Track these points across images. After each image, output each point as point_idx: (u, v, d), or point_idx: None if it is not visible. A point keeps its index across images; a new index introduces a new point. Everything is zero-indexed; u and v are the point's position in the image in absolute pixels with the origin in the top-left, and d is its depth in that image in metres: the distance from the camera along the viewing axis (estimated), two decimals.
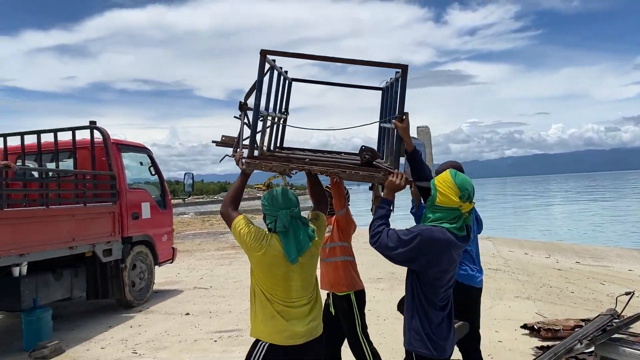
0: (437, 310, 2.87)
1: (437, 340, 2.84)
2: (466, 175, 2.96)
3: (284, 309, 2.85)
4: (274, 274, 2.85)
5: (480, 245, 4.62)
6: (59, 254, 6.32)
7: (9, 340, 6.51)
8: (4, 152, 7.44)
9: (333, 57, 3.24)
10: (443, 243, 2.78)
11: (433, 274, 2.85)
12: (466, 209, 2.84)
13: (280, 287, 2.86)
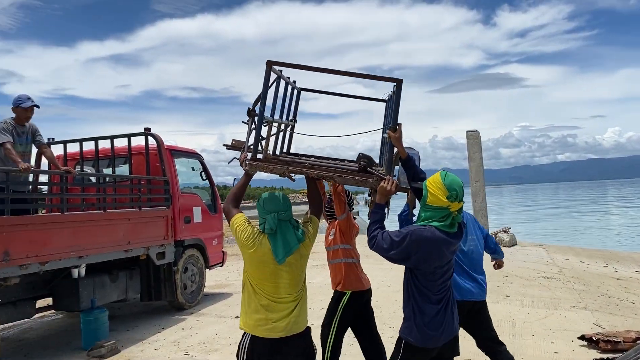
0: (431, 303, 3.08)
1: (427, 331, 3.06)
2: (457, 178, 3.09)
3: (270, 304, 3.04)
4: (263, 270, 3.06)
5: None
6: (115, 256, 6.53)
7: (68, 339, 6.76)
8: (64, 158, 7.74)
9: (334, 70, 3.45)
10: (431, 241, 3.00)
11: (426, 270, 3.07)
12: (454, 208, 3.03)
13: (269, 283, 3.06)
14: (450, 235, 3.05)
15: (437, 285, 3.10)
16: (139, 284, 7.41)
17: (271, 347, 3.02)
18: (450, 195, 3.00)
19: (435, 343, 3.10)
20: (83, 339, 6.19)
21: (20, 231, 5.08)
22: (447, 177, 3.07)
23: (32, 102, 5.88)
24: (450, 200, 3.01)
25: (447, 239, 3.04)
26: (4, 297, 5.62)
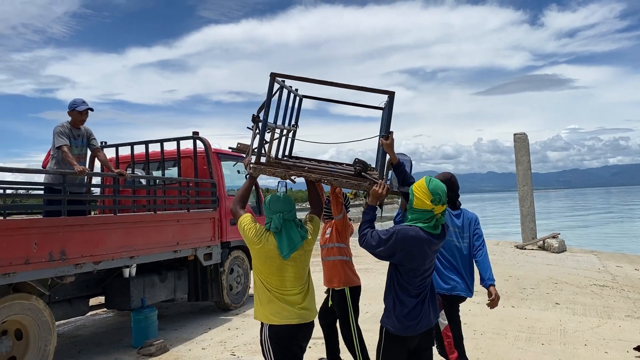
0: (410, 297, 3.36)
1: (405, 321, 3.33)
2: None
3: (280, 296, 3.31)
4: (270, 265, 3.31)
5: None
6: (165, 257, 6.68)
7: (119, 337, 6.97)
8: (116, 161, 7.99)
9: (332, 82, 3.71)
10: (415, 240, 3.27)
11: (409, 266, 3.34)
12: (438, 211, 3.29)
13: (275, 277, 3.32)
14: (433, 235, 3.32)
15: (418, 281, 3.37)
16: (187, 284, 7.56)
17: (288, 333, 3.30)
18: (434, 199, 3.27)
19: (412, 332, 3.36)
20: (133, 337, 6.36)
21: (76, 231, 5.26)
22: (432, 182, 3.34)
23: (87, 106, 6.08)
24: (434, 203, 3.27)
25: (430, 239, 3.31)
26: (60, 294, 5.84)
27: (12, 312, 4.81)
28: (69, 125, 6.03)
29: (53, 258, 4.99)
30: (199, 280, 7.73)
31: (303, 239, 3.39)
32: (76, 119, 6.08)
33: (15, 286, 4.90)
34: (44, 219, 5.40)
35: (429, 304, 3.43)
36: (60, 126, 5.97)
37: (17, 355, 4.95)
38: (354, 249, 5.36)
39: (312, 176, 3.74)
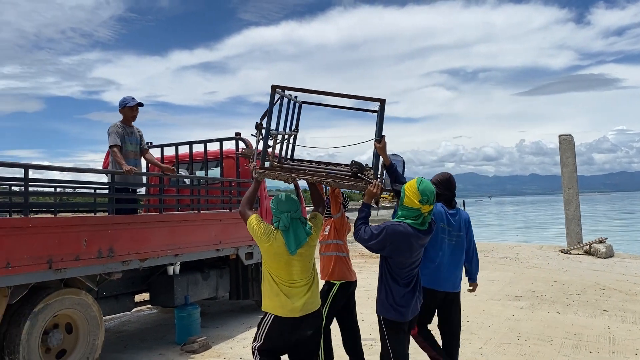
0: (400, 286, 3.75)
1: (398, 307, 3.74)
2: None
3: (287, 289, 3.59)
4: (278, 260, 3.60)
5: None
6: (208, 255, 6.79)
7: (162, 333, 7.12)
8: (161, 161, 8.17)
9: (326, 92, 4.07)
10: (403, 235, 3.64)
11: (397, 259, 3.72)
12: (425, 210, 3.66)
13: (283, 271, 3.61)
14: (420, 231, 3.69)
15: (406, 272, 3.76)
16: (229, 283, 7.66)
17: (291, 325, 3.57)
18: (422, 199, 3.63)
19: (405, 317, 3.77)
20: (177, 334, 6.49)
21: (123, 229, 5.41)
22: (422, 183, 3.70)
23: (137, 101, 6.25)
24: (422, 203, 3.64)
25: (417, 234, 3.68)
26: (107, 290, 6.01)
27: (63, 307, 4.98)
28: (122, 124, 6.20)
29: (102, 255, 5.14)
30: (240, 279, 7.83)
31: (308, 235, 3.70)
32: (128, 115, 6.25)
33: (66, 281, 5.08)
34: (93, 216, 5.56)
35: (418, 292, 3.85)
36: (113, 126, 6.14)
37: (68, 348, 5.12)
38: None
39: (312, 179, 4.04)
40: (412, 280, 3.80)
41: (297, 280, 3.63)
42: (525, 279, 10.83)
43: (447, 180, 4.74)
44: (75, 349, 5.15)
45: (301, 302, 3.60)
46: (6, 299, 4.45)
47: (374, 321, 7.33)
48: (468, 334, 6.62)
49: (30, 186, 4.81)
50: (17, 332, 4.57)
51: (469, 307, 8.19)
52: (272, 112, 3.96)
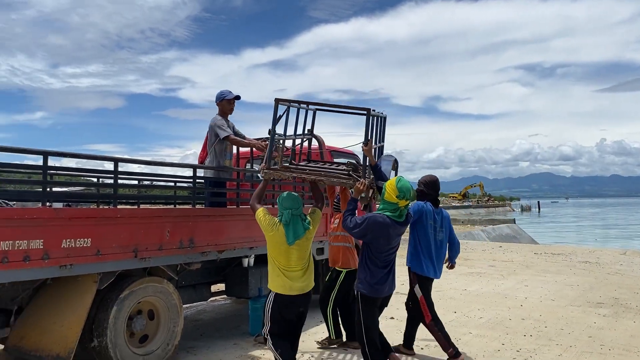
0: (378, 268, 4.51)
1: (375, 286, 4.51)
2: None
3: (285, 272, 4.42)
4: (279, 248, 4.44)
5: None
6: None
7: (236, 323, 7.32)
8: (236, 157, 8.38)
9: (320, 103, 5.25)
10: (382, 225, 4.37)
11: (376, 245, 4.46)
12: (402, 204, 4.36)
13: (282, 257, 4.43)
14: (397, 222, 4.40)
15: (383, 256, 4.49)
16: None
17: (289, 301, 4.44)
18: (399, 195, 4.32)
19: (380, 294, 4.58)
20: (250, 325, 6.65)
21: (203, 221, 5.60)
22: (400, 182, 4.37)
23: (234, 94, 6.31)
24: (399, 198, 4.33)
25: (395, 224, 4.39)
26: (186, 280, 6.24)
27: (146, 294, 5.22)
28: (221, 117, 6.26)
29: (183, 245, 5.35)
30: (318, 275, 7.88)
31: (306, 230, 4.47)
32: (225, 108, 6.31)
33: (150, 270, 5.32)
34: (176, 208, 5.80)
35: (392, 275, 4.61)
36: (217, 119, 6.18)
37: (150, 333, 5.37)
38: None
39: (309, 177, 4.91)
40: (388, 264, 4.55)
41: (294, 266, 4.44)
42: (607, 285, 10.27)
43: (434, 182, 5.55)
44: (157, 335, 5.39)
45: (297, 283, 4.43)
46: (96, 285, 4.72)
47: (446, 322, 7.23)
48: (546, 340, 6.37)
49: (119, 178, 5.08)
50: (105, 316, 4.84)
51: (546, 312, 7.88)
52: (276, 122, 4.80)
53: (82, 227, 4.50)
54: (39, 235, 4.19)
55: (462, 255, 16.03)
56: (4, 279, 4.09)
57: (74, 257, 4.43)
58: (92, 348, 4.86)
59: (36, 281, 4.65)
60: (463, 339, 6.41)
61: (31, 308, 4.84)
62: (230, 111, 6.37)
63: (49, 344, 4.60)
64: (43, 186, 4.47)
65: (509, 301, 8.82)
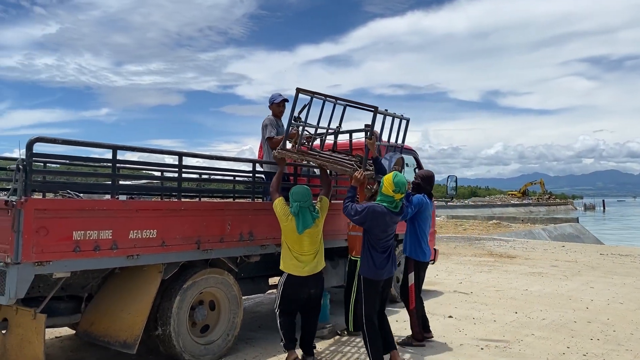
0: (378, 252, 4.97)
1: (376, 269, 4.97)
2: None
3: (298, 256, 5.03)
4: (292, 236, 5.03)
5: None
6: (337, 244, 6.89)
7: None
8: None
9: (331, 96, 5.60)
10: (379, 214, 4.87)
11: (375, 232, 4.94)
12: (397, 197, 4.85)
13: (296, 244, 5.04)
14: (393, 212, 4.92)
15: (382, 242, 4.96)
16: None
17: (300, 282, 5.04)
18: (395, 189, 4.81)
19: (380, 277, 4.99)
20: None
21: (262, 215, 5.67)
22: (396, 177, 4.85)
23: (282, 97, 6.66)
24: (395, 192, 4.82)
25: (391, 214, 4.90)
26: (246, 272, 6.33)
27: (208, 285, 5.35)
28: (273, 118, 6.62)
29: (243, 238, 5.45)
30: None
31: (314, 219, 5.05)
32: (275, 111, 6.68)
33: (211, 262, 5.44)
34: (236, 202, 5.91)
35: (391, 260, 5.05)
36: (267, 119, 6.58)
37: (211, 324, 5.50)
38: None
39: (317, 161, 5.49)
40: (387, 249, 5.00)
41: (306, 251, 5.03)
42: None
43: (430, 177, 6.14)
44: (217, 325, 5.51)
45: (308, 266, 5.03)
46: (160, 275, 4.87)
47: (507, 322, 7.05)
48: (614, 345, 6.09)
49: (183, 172, 5.22)
50: (169, 305, 4.99)
51: (614, 316, 7.54)
52: (294, 109, 5.46)
53: (148, 219, 4.66)
54: (108, 226, 4.38)
55: (522, 254, 15.60)
56: (76, 267, 4.30)
57: (141, 247, 4.59)
58: (157, 336, 5.02)
59: (105, 270, 4.86)
60: (525, 341, 6.21)
61: (100, 296, 5.07)
62: (280, 113, 6.71)
63: (116, 330, 4.80)
64: (112, 179, 4.65)
65: (574, 303, 8.48)
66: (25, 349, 4.32)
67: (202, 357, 5.23)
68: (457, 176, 10.11)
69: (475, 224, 31.60)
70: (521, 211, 60.38)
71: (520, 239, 21.59)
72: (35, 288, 4.37)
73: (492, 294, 9.25)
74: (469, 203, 68.62)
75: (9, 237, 3.87)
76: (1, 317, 4.43)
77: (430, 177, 6.13)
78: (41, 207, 4.01)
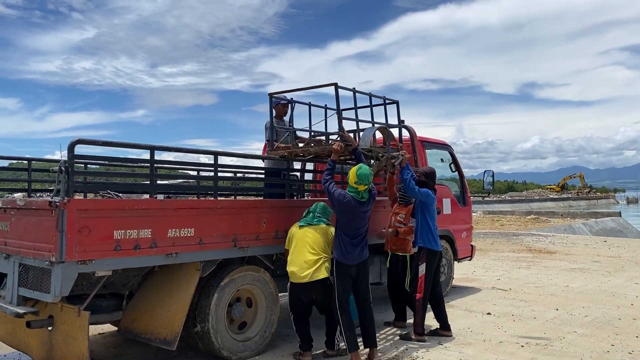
0: (348, 237, 5.16)
1: (346, 254, 5.14)
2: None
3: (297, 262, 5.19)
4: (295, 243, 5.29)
5: None
6: (372, 241, 6.83)
7: None
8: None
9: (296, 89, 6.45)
10: (345, 203, 5.12)
11: (343, 219, 5.19)
12: (361, 188, 5.09)
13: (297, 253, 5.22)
14: (360, 202, 5.12)
15: (351, 230, 5.15)
16: None
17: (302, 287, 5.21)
18: (357, 181, 5.07)
19: (350, 261, 5.14)
20: None
21: (297, 213, 5.67)
22: (359, 169, 5.10)
23: (277, 101, 6.71)
24: (357, 184, 5.08)
25: (357, 204, 5.11)
26: (281, 269, 6.34)
27: (245, 282, 5.40)
28: (274, 120, 6.66)
29: (278, 236, 5.48)
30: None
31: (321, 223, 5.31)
32: (280, 111, 6.83)
33: (248, 259, 5.49)
34: (271, 200, 5.94)
35: (361, 248, 5.20)
36: (267, 122, 6.62)
37: (248, 320, 5.55)
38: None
39: (309, 150, 6.08)
40: (357, 237, 5.17)
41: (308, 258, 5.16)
42: None
43: (432, 173, 6.43)
44: (255, 322, 5.56)
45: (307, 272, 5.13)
46: (198, 272, 4.94)
47: (548, 319, 6.90)
48: None
49: (218, 171, 5.28)
50: (207, 302, 5.06)
51: None
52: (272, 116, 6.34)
53: (186, 218, 4.73)
54: (148, 225, 4.46)
55: (562, 249, 15.23)
56: (117, 266, 4.39)
57: (179, 246, 4.67)
58: (195, 333, 5.10)
59: (145, 268, 4.96)
60: (567, 338, 6.06)
61: (140, 293, 5.17)
62: (284, 114, 6.85)
63: (157, 327, 4.89)
64: (151, 179, 4.74)
65: (618, 300, 8.24)
66: (70, 345, 4.45)
67: (240, 353, 5.29)
68: (493, 171, 9.92)
69: (512, 219, 31.01)
70: (560, 205, 58.98)
71: (560, 234, 21.08)
72: (78, 286, 4.49)
73: (531, 291, 9.06)
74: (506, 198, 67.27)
75: (53, 236, 3.98)
76: (47, 314, 4.56)
77: (432, 173, 6.44)
78: (83, 207, 4.12)
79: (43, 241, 4.10)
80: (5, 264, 4.56)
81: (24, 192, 6.50)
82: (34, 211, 4.28)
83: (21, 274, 4.38)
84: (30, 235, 4.28)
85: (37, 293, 4.23)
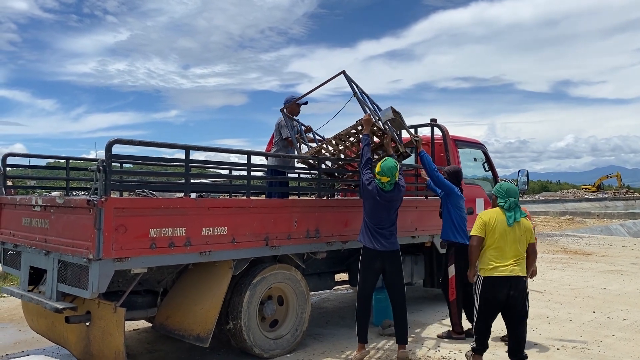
0: (372, 223, 5.26)
1: (370, 237, 5.26)
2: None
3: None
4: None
5: None
6: (404, 241, 6.78)
7: None
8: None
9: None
10: (370, 191, 5.23)
11: (366, 205, 5.32)
12: (384, 180, 5.15)
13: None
14: (384, 191, 5.20)
15: (374, 217, 5.25)
16: (423, 270, 7.61)
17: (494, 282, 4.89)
18: (379, 172, 5.15)
19: (374, 246, 5.22)
20: (374, 315, 6.63)
21: (328, 212, 5.71)
22: (384, 162, 5.18)
23: (304, 99, 6.78)
24: (380, 175, 5.16)
25: (381, 192, 5.20)
26: (312, 268, 6.39)
27: (276, 280, 5.44)
28: (286, 118, 6.73)
29: (309, 235, 5.50)
30: (434, 268, 7.72)
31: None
32: (295, 110, 6.85)
33: (279, 258, 5.52)
34: (302, 199, 5.97)
35: (386, 238, 5.24)
36: (281, 120, 6.73)
37: (279, 318, 5.60)
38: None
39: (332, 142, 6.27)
40: (380, 226, 5.23)
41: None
42: None
43: (457, 172, 6.52)
44: (286, 320, 5.60)
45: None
46: (231, 270, 5.00)
47: (584, 322, 6.75)
48: None
49: (252, 170, 5.33)
50: (239, 300, 5.12)
51: None
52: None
53: (219, 216, 4.79)
54: (182, 224, 4.53)
55: (599, 251, 14.86)
56: (152, 263, 4.48)
57: (212, 244, 4.73)
58: (228, 330, 5.17)
59: (179, 266, 5.04)
60: (605, 342, 5.91)
61: (175, 290, 5.26)
62: (297, 113, 6.88)
63: (190, 324, 4.97)
64: (185, 178, 4.81)
65: None
66: (106, 340, 4.56)
67: (271, 351, 5.33)
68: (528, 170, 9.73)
69: (546, 219, 30.39)
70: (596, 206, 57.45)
71: (596, 235, 20.57)
72: (115, 283, 4.59)
73: (567, 293, 8.87)
74: (540, 198, 65.87)
75: (91, 234, 4.08)
76: (85, 310, 4.68)
77: (457, 171, 6.56)
78: (120, 205, 4.21)
79: (81, 238, 4.21)
80: (45, 261, 4.70)
81: (61, 190, 6.68)
82: (72, 209, 4.40)
83: (60, 271, 4.52)
84: (69, 232, 4.41)
85: (75, 289, 4.35)
